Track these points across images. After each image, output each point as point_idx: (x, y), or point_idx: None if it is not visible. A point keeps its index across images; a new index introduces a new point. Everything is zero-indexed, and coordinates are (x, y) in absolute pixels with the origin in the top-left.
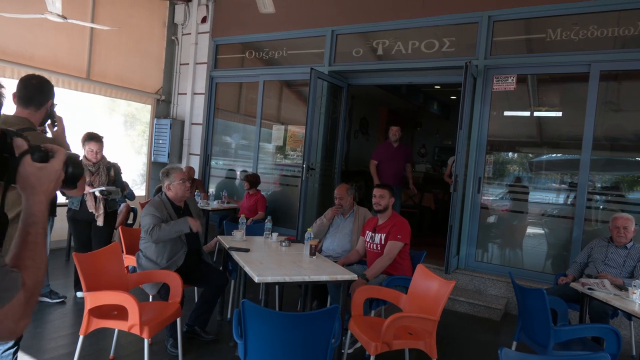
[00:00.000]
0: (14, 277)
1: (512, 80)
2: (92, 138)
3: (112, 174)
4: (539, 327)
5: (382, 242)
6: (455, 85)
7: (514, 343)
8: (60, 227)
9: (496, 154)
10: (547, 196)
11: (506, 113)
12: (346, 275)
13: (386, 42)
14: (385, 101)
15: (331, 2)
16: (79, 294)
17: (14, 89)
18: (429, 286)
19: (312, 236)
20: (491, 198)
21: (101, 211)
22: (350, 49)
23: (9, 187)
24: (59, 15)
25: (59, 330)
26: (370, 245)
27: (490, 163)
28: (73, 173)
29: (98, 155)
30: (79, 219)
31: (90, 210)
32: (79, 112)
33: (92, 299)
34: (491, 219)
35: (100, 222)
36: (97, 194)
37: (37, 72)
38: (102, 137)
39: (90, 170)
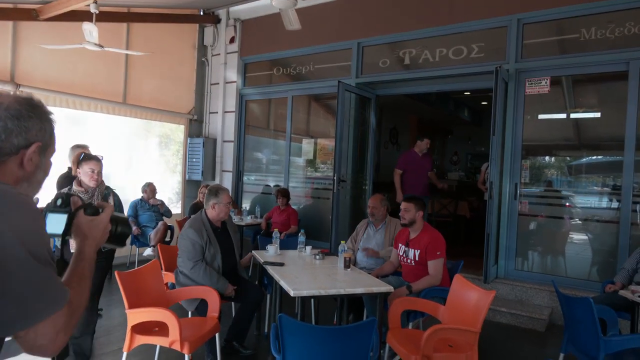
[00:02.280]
0: (65, 290)
1: (546, 82)
2: (92, 157)
3: (110, 202)
4: (587, 337)
5: (417, 259)
6: (486, 91)
7: (561, 355)
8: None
9: (532, 158)
10: (589, 200)
11: (541, 116)
12: (382, 287)
13: (413, 51)
14: (415, 110)
15: (356, 15)
16: None
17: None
18: (468, 297)
19: (346, 248)
20: (529, 204)
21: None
22: (377, 60)
23: (66, 236)
24: (95, 44)
25: (103, 347)
26: (404, 259)
27: (526, 168)
28: (122, 232)
29: (98, 178)
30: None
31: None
32: (116, 136)
33: (134, 316)
34: (530, 226)
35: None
36: None
37: (77, 99)
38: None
39: (81, 199)
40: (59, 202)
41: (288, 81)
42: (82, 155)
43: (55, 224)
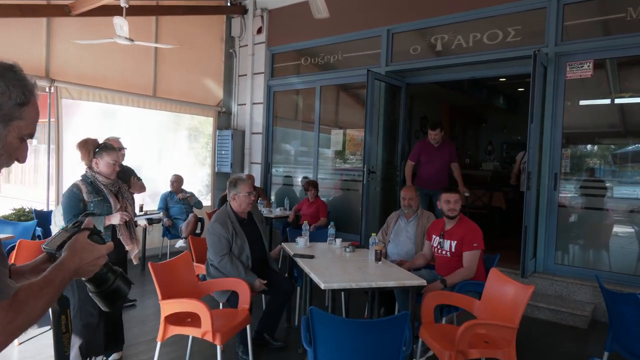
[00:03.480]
0: (10, 285)
1: (589, 66)
2: (114, 148)
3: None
4: (634, 335)
5: (453, 250)
6: (522, 77)
7: (606, 354)
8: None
9: (573, 147)
10: (635, 191)
11: (582, 102)
12: (414, 280)
13: (445, 37)
14: (447, 98)
15: (385, 1)
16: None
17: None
18: (505, 291)
19: (377, 241)
20: (570, 195)
21: (138, 249)
22: (407, 47)
23: (60, 250)
24: (126, 38)
25: (137, 337)
26: (438, 251)
27: (567, 157)
28: (117, 288)
29: (117, 170)
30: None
31: (126, 248)
32: (146, 129)
33: (167, 307)
34: (571, 218)
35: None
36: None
37: (109, 93)
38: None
39: (111, 191)
40: (72, 223)
41: (316, 71)
42: (102, 145)
43: (57, 241)
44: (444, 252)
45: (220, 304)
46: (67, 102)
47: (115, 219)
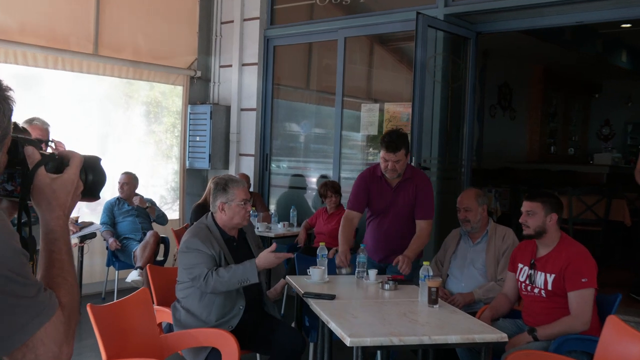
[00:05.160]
0: (49, 293)
1: None
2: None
3: None
4: None
5: (550, 287)
6: None
7: None
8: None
9: None
10: None
11: None
12: (489, 333)
13: None
14: (539, 55)
15: None
16: None
17: None
18: (630, 351)
19: (431, 274)
20: None
21: None
22: None
23: (26, 203)
24: None
25: None
26: (527, 288)
27: None
28: (94, 181)
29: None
30: None
31: None
32: (84, 104)
33: None
34: None
35: None
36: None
37: (29, 51)
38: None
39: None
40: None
41: (338, 15)
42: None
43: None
44: (535, 291)
45: None
46: None
47: None
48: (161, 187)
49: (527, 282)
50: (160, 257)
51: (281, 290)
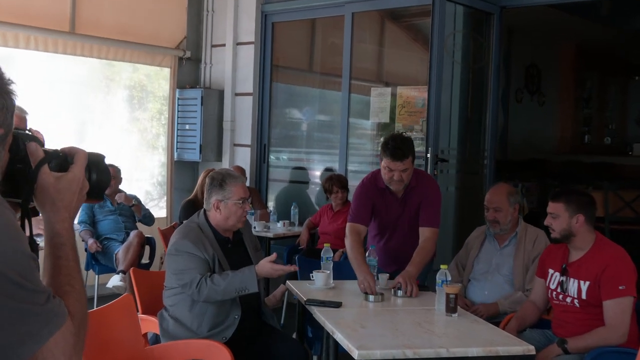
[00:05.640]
0: (58, 301)
1: None
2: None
3: None
4: None
5: (584, 296)
6: None
7: None
8: None
9: None
10: None
11: None
12: (514, 345)
13: None
14: (571, 32)
15: None
16: None
17: None
18: None
19: (450, 278)
20: None
21: None
22: None
23: (28, 205)
24: None
25: None
26: (558, 296)
27: None
28: (98, 180)
29: None
30: None
31: None
32: (61, 88)
33: None
34: None
35: None
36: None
37: (0, 29)
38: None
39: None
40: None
41: None
42: None
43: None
44: (568, 300)
45: None
46: None
47: None
48: (146, 182)
49: (559, 289)
50: (145, 260)
51: (281, 297)
